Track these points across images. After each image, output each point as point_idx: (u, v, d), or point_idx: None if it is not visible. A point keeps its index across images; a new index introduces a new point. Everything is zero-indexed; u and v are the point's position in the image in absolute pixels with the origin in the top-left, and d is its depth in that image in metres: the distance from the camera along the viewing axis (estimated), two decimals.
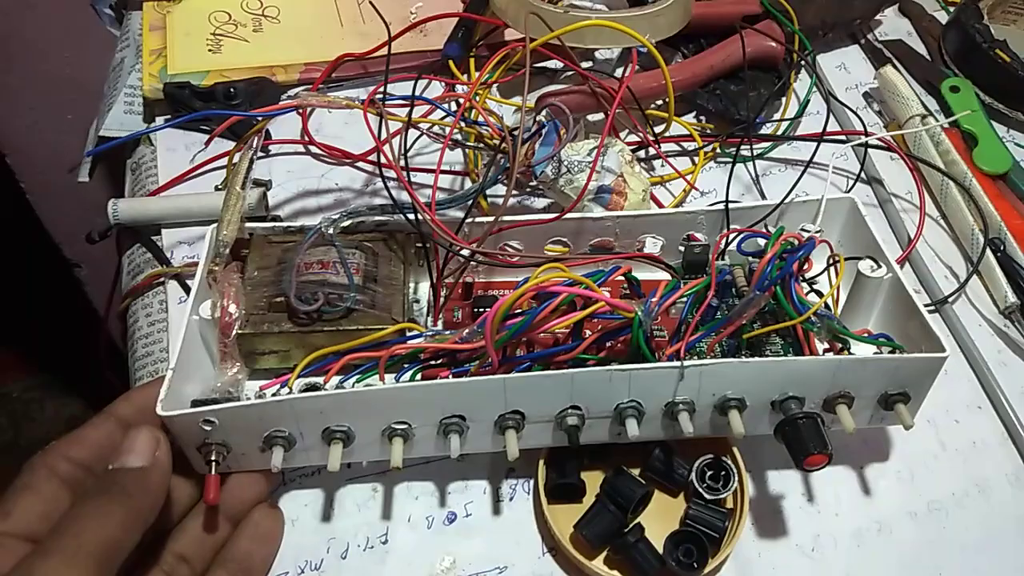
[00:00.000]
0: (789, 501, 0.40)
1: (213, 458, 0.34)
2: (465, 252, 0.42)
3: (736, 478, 0.38)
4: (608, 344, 0.38)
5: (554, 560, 0.38)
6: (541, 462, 0.39)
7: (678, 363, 0.35)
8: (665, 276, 0.42)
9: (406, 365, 0.39)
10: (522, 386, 0.35)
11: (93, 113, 0.58)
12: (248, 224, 0.42)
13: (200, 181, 0.52)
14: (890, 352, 0.39)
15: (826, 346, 0.40)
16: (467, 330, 0.37)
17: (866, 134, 0.54)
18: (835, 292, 0.40)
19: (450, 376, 0.37)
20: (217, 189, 0.51)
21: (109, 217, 0.48)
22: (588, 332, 0.38)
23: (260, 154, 0.53)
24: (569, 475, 0.39)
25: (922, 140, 0.54)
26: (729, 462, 0.39)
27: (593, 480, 0.39)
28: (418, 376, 0.38)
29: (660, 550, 0.37)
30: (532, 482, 0.40)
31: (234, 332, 0.38)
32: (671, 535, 0.37)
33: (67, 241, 0.95)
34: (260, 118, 0.46)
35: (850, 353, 0.40)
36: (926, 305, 0.48)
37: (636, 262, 0.41)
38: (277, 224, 0.42)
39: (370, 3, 0.52)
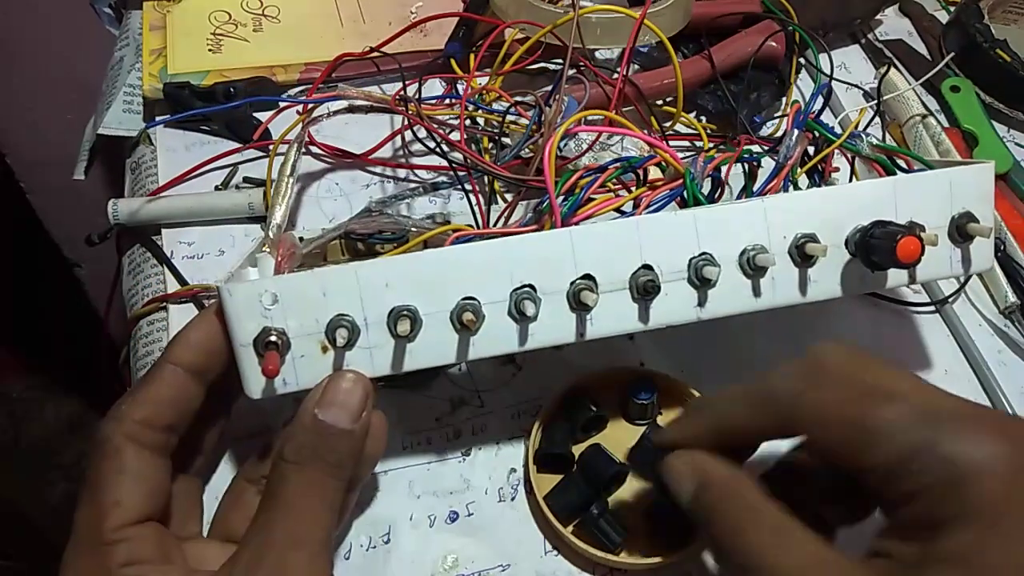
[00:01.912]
0: None
1: (273, 339, 0.32)
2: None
3: None
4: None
5: (556, 557, 0.38)
6: (536, 427, 0.39)
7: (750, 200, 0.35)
8: None
9: None
10: (588, 239, 0.34)
11: (93, 113, 0.58)
12: (295, 232, 0.43)
13: (200, 181, 0.52)
14: None
15: None
16: (525, 217, 0.38)
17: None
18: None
19: None
20: (217, 189, 0.51)
21: (109, 217, 0.48)
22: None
23: (260, 154, 0.53)
24: (558, 446, 0.39)
25: (922, 140, 0.54)
26: None
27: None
28: None
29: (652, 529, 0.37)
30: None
31: (290, 265, 0.38)
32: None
33: (67, 241, 0.95)
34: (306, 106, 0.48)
35: None
36: (926, 304, 0.48)
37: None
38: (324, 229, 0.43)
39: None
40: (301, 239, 0.42)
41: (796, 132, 0.39)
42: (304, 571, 0.29)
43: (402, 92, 0.46)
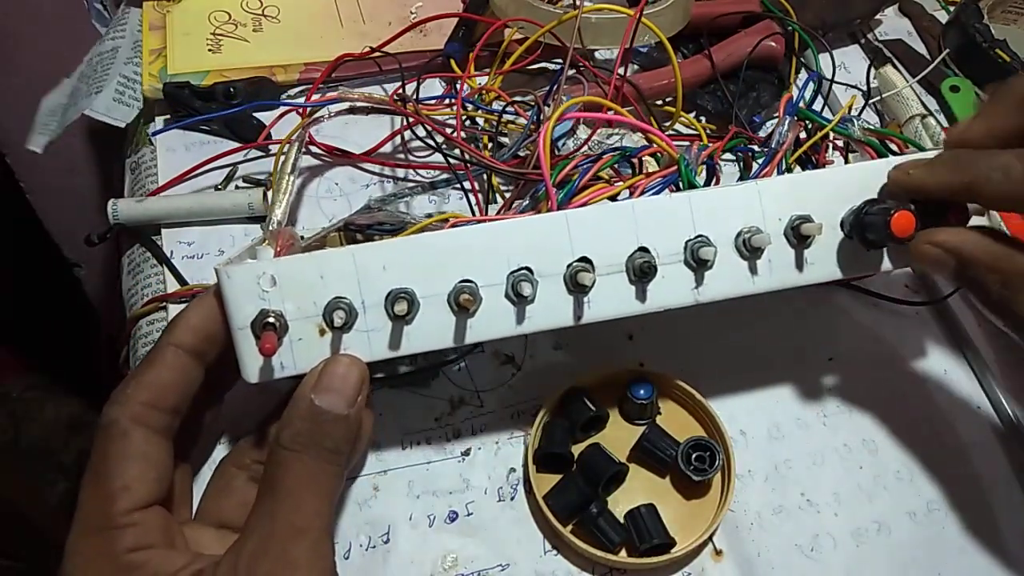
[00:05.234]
0: (789, 501, 0.40)
1: (270, 320, 0.32)
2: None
3: (721, 458, 0.39)
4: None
5: (555, 556, 0.38)
6: (536, 426, 0.40)
7: (745, 182, 0.35)
8: None
9: None
10: (584, 222, 0.34)
11: (56, 88, 0.57)
12: (295, 229, 0.44)
13: (200, 181, 0.52)
14: None
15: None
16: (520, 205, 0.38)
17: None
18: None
19: None
20: (217, 189, 0.51)
21: (109, 217, 0.48)
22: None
23: (259, 154, 0.53)
24: (558, 445, 0.39)
25: (922, 139, 0.54)
26: (715, 443, 0.39)
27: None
28: None
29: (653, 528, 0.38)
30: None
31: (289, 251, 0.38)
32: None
33: (67, 241, 0.95)
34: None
35: None
36: (925, 304, 0.48)
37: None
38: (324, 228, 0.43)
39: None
40: (301, 237, 0.42)
41: (788, 119, 0.40)
42: (307, 559, 0.29)
43: (400, 91, 0.46)
